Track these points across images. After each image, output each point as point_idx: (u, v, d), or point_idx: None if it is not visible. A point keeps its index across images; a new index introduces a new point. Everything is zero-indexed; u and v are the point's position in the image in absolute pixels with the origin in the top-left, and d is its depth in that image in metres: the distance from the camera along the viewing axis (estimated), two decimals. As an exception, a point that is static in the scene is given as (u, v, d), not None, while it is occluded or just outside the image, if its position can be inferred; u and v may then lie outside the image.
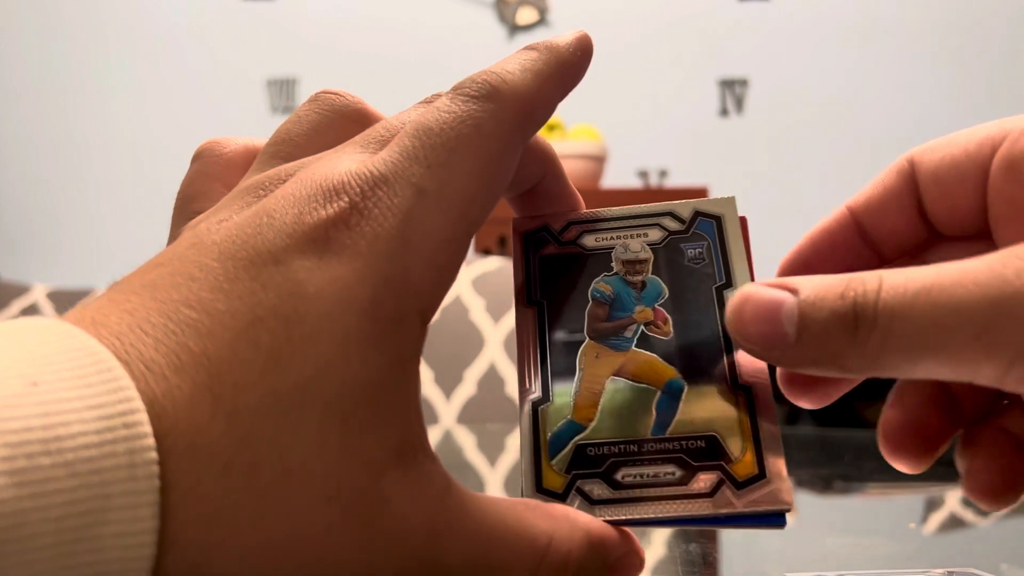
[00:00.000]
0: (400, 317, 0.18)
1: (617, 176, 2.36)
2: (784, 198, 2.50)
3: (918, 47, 2.53)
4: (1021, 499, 0.25)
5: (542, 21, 2.52)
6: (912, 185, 0.26)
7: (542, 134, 0.25)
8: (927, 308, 0.19)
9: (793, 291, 0.21)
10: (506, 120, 0.21)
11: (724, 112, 2.53)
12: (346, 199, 0.19)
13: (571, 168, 2.01)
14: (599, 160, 2.05)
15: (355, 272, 0.18)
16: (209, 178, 0.24)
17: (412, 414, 0.19)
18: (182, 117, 2.46)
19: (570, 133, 2.10)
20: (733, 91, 2.53)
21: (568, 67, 0.23)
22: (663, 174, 2.40)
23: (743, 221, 0.26)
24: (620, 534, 0.22)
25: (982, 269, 0.19)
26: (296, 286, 0.18)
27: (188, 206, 0.23)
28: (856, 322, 0.20)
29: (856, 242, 0.27)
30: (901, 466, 0.26)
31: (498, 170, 0.21)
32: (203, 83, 2.49)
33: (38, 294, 1.09)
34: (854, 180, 2.71)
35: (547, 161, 0.25)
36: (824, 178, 2.51)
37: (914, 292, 0.19)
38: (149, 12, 2.50)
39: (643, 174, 2.41)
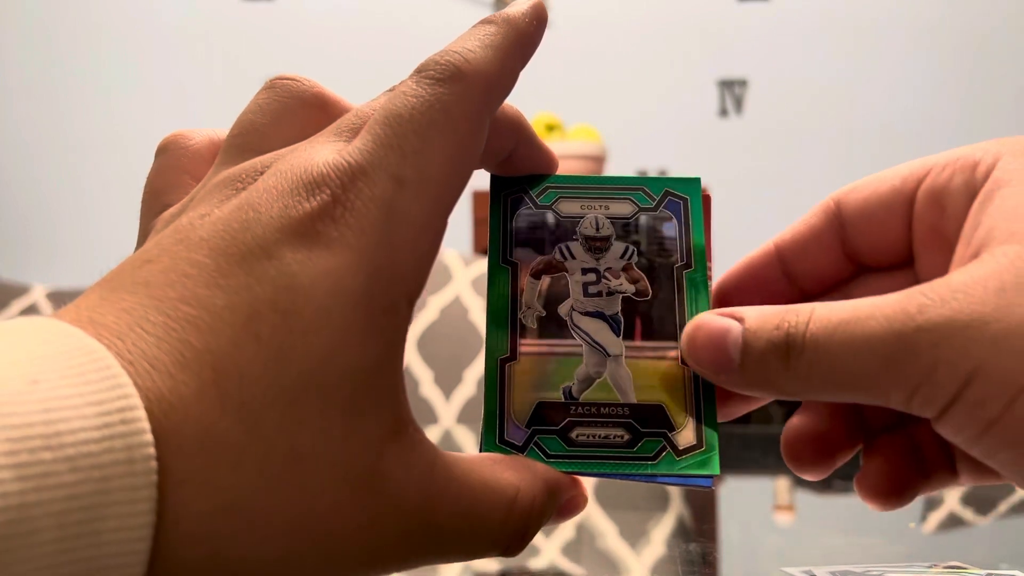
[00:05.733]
0: (391, 304, 0.19)
1: (616, 176, 2.36)
2: (783, 198, 2.50)
3: (918, 47, 2.53)
4: (914, 500, 0.26)
5: (541, 21, 2.52)
6: (836, 224, 0.27)
7: (542, 135, 0.26)
8: (845, 339, 0.21)
9: (740, 320, 0.23)
10: (473, 99, 0.21)
11: (723, 112, 2.54)
12: (328, 192, 0.19)
13: (571, 168, 2.01)
14: (599, 160, 2.05)
15: (346, 264, 0.19)
16: (177, 170, 0.24)
17: (401, 393, 0.20)
18: (182, 117, 2.46)
19: (569, 133, 2.10)
20: (732, 91, 2.54)
21: (526, 37, 0.23)
22: (662, 174, 2.40)
23: (707, 200, 0.27)
24: (570, 479, 0.24)
25: (891, 304, 0.21)
26: (290, 279, 0.18)
27: (158, 199, 0.23)
28: (788, 351, 0.22)
29: (778, 277, 0.28)
30: (802, 473, 0.27)
31: (469, 151, 0.21)
32: (203, 83, 2.49)
33: (38, 294, 1.09)
34: (852, 180, 2.73)
35: (518, 128, 0.26)
36: (823, 178, 2.51)
37: (835, 324, 0.21)
38: (148, 12, 2.50)
39: (642, 174, 2.41)
